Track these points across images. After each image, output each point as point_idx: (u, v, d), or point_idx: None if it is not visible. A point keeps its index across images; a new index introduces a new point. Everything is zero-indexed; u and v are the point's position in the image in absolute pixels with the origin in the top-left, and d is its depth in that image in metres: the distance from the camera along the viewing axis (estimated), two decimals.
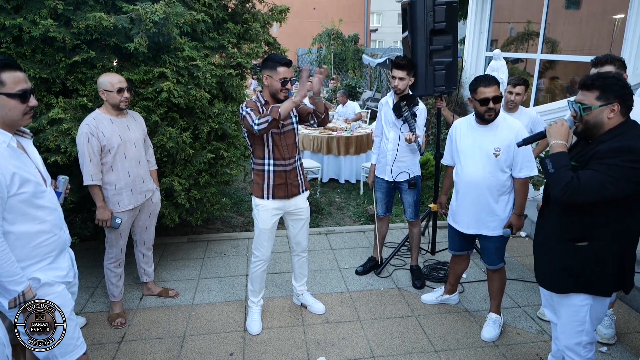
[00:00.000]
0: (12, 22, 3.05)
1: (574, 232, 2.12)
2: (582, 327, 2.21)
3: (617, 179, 1.90)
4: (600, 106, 2.01)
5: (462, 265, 3.43)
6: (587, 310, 2.18)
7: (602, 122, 2.03)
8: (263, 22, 4.48)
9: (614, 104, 1.99)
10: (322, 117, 3.07)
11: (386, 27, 34.41)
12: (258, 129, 2.78)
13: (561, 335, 2.30)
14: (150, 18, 3.17)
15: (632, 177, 1.91)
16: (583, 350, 2.26)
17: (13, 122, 1.89)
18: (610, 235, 2.06)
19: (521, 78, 3.79)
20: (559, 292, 2.23)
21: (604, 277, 2.11)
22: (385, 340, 3.18)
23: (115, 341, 3.17)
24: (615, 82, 2.01)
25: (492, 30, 8.81)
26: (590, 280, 2.12)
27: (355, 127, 7.24)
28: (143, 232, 3.46)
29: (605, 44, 7.18)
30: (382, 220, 4.07)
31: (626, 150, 1.90)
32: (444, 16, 3.56)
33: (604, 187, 1.91)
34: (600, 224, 2.05)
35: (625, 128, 2.00)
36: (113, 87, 2.97)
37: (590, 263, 2.10)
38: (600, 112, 2.02)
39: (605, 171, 1.92)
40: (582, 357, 2.27)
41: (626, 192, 1.93)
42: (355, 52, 16.88)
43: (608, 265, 2.09)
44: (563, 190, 1.97)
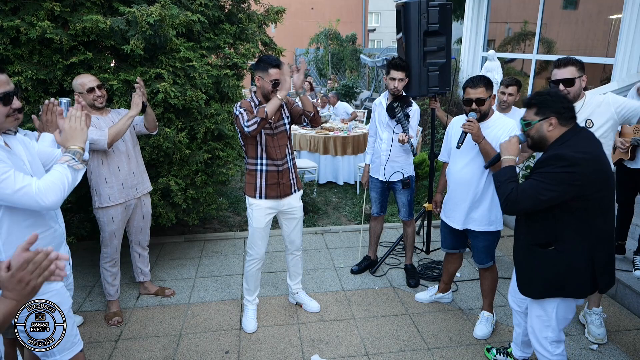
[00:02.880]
0: (9, 24, 3.08)
1: (540, 239, 2.23)
2: (549, 325, 2.31)
3: (552, 184, 2.05)
4: (539, 121, 2.21)
5: (455, 264, 3.47)
6: (554, 309, 2.27)
7: (545, 135, 2.21)
8: (259, 23, 4.52)
9: (551, 117, 2.18)
10: (311, 115, 3.11)
11: (384, 27, 34.40)
12: (248, 130, 2.85)
13: (529, 330, 2.42)
14: (145, 20, 3.20)
15: (569, 181, 2.04)
16: (550, 346, 2.34)
17: None
18: (576, 240, 2.14)
19: (513, 79, 3.83)
20: (535, 297, 2.32)
21: (576, 281, 2.19)
22: (379, 338, 3.22)
23: (112, 339, 3.20)
24: (549, 98, 2.20)
25: (489, 30, 8.85)
26: (563, 285, 2.20)
27: (351, 127, 7.27)
28: (138, 233, 3.50)
29: (601, 45, 7.21)
30: (377, 219, 4.11)
31: (559, 158, 2.07)
32: (437, 18, 3.59)
33: (539, 193, 2.08)
34: (563, 229, 2.15)
35: (566, 138, 2.16)
36: (83, 88, 3.00)
37: (561, 268, 2.18)
38: (540, 126, 2.21)
39: (541, 179, 2.09)
40: (549, 353, 2.35)
41: (567, 195, 2.06)
42: (352, 52, 16.91)
43: (578, 269, 2.16)
44: (505, 202, 2.19)
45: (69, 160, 1.91)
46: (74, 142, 1.96)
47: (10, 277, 1.28)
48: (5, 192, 1.77)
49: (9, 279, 1.27)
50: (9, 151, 1.94)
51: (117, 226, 3.25)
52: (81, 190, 3.38)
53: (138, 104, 3.04)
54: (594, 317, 3.14)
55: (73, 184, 1.93)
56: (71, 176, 1.90)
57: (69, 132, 1.96)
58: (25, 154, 2.04)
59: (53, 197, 1.83)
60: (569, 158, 2.04)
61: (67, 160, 1.90)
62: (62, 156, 1.93)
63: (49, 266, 1.31)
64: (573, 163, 2.03)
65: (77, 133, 1.97)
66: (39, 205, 1.82)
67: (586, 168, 2.03)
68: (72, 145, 1.95)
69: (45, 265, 1.30)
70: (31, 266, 1.28)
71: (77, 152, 1.94)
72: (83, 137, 1.98)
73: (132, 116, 3.05)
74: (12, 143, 2.01)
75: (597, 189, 2.07)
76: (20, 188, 1.78)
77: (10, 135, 2.04)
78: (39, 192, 1.80)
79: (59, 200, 1.86)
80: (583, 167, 2.03)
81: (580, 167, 2.02)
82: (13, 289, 1.27)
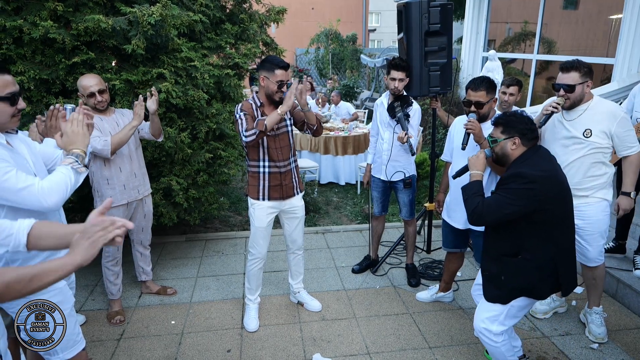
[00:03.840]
0: (12, 24, 3.09)
1: (508, 249, 2.38)
2: (497, 318, 2.44)
3: (514, 199, 2.23)
4: (504, 139, 2.40)
5: (456, 264, 3.48)
6: (508, 306, 2.41)
7: (508, 152, 2.40)
8: (260, 23, 4.53)
9: (515, 137, 2.36)
10: (314, 128, 3.17)
11: (384, 27, 34.40)
12: (246, 140, 2.87)
13: (477, 316, 2.53)
14: (147, 20, 3.21)
15: (529, 196, 2.21)
16: (494, 336, 2.45)
17: (1, 124, 1.91)
18: (540, 248, 2.31)
19: (514, 78, 3.84)
20: (504, 303, 2.42)
21: (539, 285, 2.35)
22: (380, 337, 3.23)
23: (114, 338, 3.22)
24: (515, 119, 2.39)
25: (490, 30, 8.86)
26: (531, 289, 2.37)
27: (352, 127, 7.28)
28: (140, 233, 3.52)
29: (601, 45, 7.23)
30: (378, 219, 4.12)
31: (519, 175, 2.25)
32: (438, 18, 3.60)
33: (502, 207, 2.25)
34: (527, 239, 2.32)
35: (526, 157, 2.36)
36: (85, 92, 2.99)
37: (531, 274, 2.34)
38: (505, 144, 2.40)
39: (504, 194, 2.26)
40: (490, 340, 2.47)
41: (528, 209, 2.22)
42: (353, 52, 16.92)
43: (543, 274, 2.34)
44: (471, 215, 2.36)
45: (72, 162, 1.92)
46: (76, 146, 1.96)
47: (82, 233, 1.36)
48: (7, 192, 1.78)
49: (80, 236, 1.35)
50: (12, 150, 1.95)
51: None
52: (83, 190, 3.39)
53: (140, 114, 3.07)
54: (595, 317, 3.15)
55: (75, 186, 1.94)
56: (74, 178, 1.91)
57: (70, 136, 1.96)
58: (28, 152, 2.05)
59: (55, 198, 1.84)
60: (528, 176, 2.22)
61: (70, 163, 1.91)
62: (64, 158, 1.94)
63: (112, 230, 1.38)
64: (532, 180, 2.21)
65: (79, 137, 1.97)
66: (41, 205, 1.83)
67: (543, 185, 2.21)
68: (75, 149, 1.96)
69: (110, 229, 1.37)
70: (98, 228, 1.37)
71: (80, 156, 1.95)
72: (85, 141, 1.99)
73: (135, 126, 3.08)
74: (15, 142, 2.02)
75: (554, 202, 2.25)
76: (23, 187, 1.79)
77: (12, 134, 2.05)
78: (42, 192, 1.81)
79: (60, 201, 1.88)
80: (540, 183, 2.21)
81: (538, 183, 2.21)
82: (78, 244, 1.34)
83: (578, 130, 2.86)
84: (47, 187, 1.82)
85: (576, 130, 2.87)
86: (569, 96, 2.82)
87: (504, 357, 2.51)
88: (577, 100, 2.84)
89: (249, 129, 2.86)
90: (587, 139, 2.84)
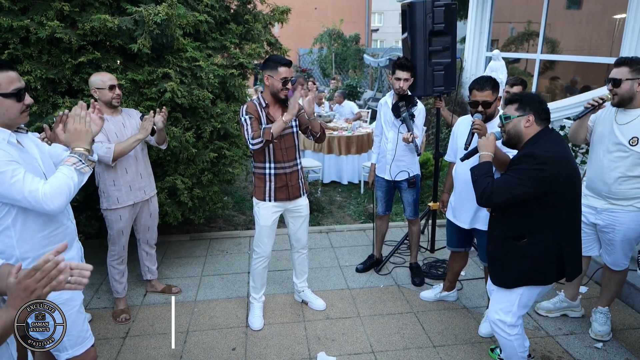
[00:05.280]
0: (19, 24, 3.11)
1: (514, 232, 2.38)
2: (509, 308, 2.45)
3: (524, 180, 2.21)
4: (518, 116, 2.36)
5: (460, 263, 3.48)
6: (519, 295, 2.42)
7: (521, 131, 2.36)
8: (264, 23, 4.54)
9: (529, 114, 2.33)
10: (317, 135, 3.21)
11: (387, 27, 34.37)
12: (253, 148, 2.92)
13: (491, 309, 2.57)
14: (153, 20, 3.23)
15: (539, 177, 2.20)
16: (508, 329, 2.47)
17: (11, 121, 1.91)
18: (547, 232, 2.31)
19: (519, 78, 3.84)
20: (508, 287, 2.45)
21: (544, 270, 2.36)
22: (384, 336, 3.24)
23: (120, 336, 3.24)
24: (530, 97, 2.39)
25: (493, 30, 8.84)
26: (533, 274, 2.37)
27: (356, 127, 7.29)
28: (146, 232, 3.53)
29: (605, 44, 7.21)
30: (382, 218, 4.13)
31: (530, 156, 2.24)
32: (442, 17, 3.61)
33: (512, 188, 2.23)
34: (535, 222, 2.31)
35: (538, 138, 2.32)
36: (105, 84, 3.03)
37: (534, 259, 2.35)
38: (519, 122, 2.36)
39: (515, 175, 2.25)
40: (504, 332, 2.49)
41: (539, 190, 2.21)
42: (356, 52, 16.90)
43: (547, 258, 2.34)
44: (480, 195, 2.33)
45: (75, 162, 1.91)
46: (78, 144, 1.95)
47: (16, 283, 1.27)
48: (15, 196, 1.79)
49: (15, 285, 1.27)
50: (22, 149, 1.96)
51: (124, 224, 3.28)
52: (88, 189, 3.41)
53: (147, 129, 3.11)
54: (599, 315, 3.16)
55: (78, 186, 1.93)
56: (77, 179, 1.90)
57: (73, 133, 1.96)
58: (37, 152, 2.06)
59: (58, 202, 1.83)
60: (540, 157, 2.21)
61: (74, 163, 1.90)
62: (67, 157, 1.93)
63: (57, 276, 1.29)
64: (544, 161, 2.19)
65: (81, 135, 1.96)
66: (44, 210, 1.83)
67: (554, 167, 2.20)
68: (77, 147, 1.95)
69: (53, 275, 1.29)
70: (39, 274, 1.27)
71: (83, 155, 1.94)
72: (88, 139, 1.98)
73: (140, 140, 3.12)
74: (25, 141, 2.03)
75: (564, 185, 2.24)
76: (29, 193, 1.79)
77: (22, 134, 2.06)
78: (44, 197, 1.80)
79: (63, 204, 1.87)
80: (551, 165, 2.19)
81: (549, 165, 2.19)
82: (17, 296, 1.27)
83: (626, 136, 2.72)
84: (49, 192, 1.81)
85: (624, 137, 2.73)
86: (616, 91, 2.71)
87: (515, 352, 2.52)
88: (626, 97, 2.70)
89: (255, 136, 2.89)
90: (632, 148, 2.70)
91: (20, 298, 1.27)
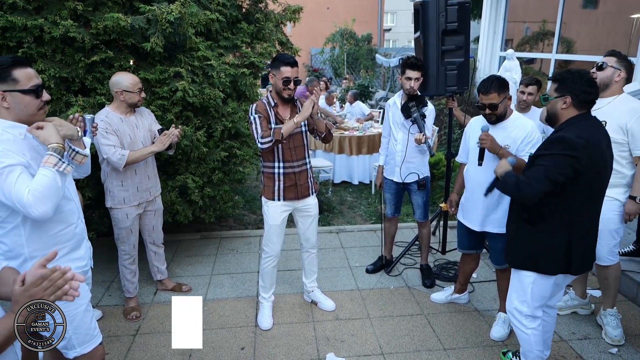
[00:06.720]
0: (33, 23, 3.14)
1: (527, 215, 2.39)
2: (524, 297, 2.47)
3: (557, 165, 2.17)
4: (555, 97, 2.31)
5: (472, 265, 3.44)
6: (531, 284, 2.43)
7: (557, 112, 2.32)
8: (276, 22, 4.54)
9: (566, 96, 2.26)
10: (322, 135, 3.20)
11: (400, 27, 34.23)
12: (262, 147, 2.92)
13: (508, 298, 2.60)
14: (166, 18, 3.24)
15: (568, 163, 2.15)
16: (525, 319, 2.49)
17: (29, 117, 1.92)
18: (558, 222, 2.30)
19: (534, 78, 3.79)
20: (514, 267, 2.51)
21: (550, 259, 2.35)
22: (394, 338, 3.21)
23: (130, 334, 3.25)
24: (571, 77, 2.27)
25: (507, 29, 8.75)
26: (538, 260, 2.38)
27: (367, 127, 7.26)
28: (151, 232, 3.54)
29: (622, 44, 7.08)
30: (391, 221, 4.09)
31: (561, 141, 2.20)
32: (456, 16, 3.56)
33: (549, 172, 2.18)
34: (548, 210, 2.31)
35: (575, 121, 2.27)
36: (134, 88, 3.05)
37: (539, 245, 2.36)
38: (556, 103, 2.31)
39: (548, 160, 2.21)
40: (520, 323, 2.51)
41: (566, 176, 2.17)
42: (368, 52, 16.86)
43: (555, 248, 2.33)
44: (515, 188, 2.30)
45: (56, 162, 1.84)
46: (50, 140, 1.86)
47: (23, 291, 1.28)
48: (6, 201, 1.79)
49: (22, 294, 1.28)
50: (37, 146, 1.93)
51: (131, 222, 3.30)
52: (100, 187, 3.43)
53: (165, 144, 3.14)
54: (610, 319, 3.10)
55: (63, 188, 1.89)
56: (60, 181, 1.85)
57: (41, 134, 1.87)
58: None
59: (43, 208, 1.79)
60: (569, 141, 2.16)
61: (54, 164, 1.83)
62: (46, 157, 1.84)
63: (63, 285, 1.31)
64: (573, 147, 2.15)
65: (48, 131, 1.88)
66: (31, 216, 1.80)
67: (582, 153, 2.14)
68: (52, 143, 1.86)
69: (60, 284, 1.30)
70: (46, 283, 1.29)
71: (58, 150, 1.85)
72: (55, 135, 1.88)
73: (154, 152, 3.17)
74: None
75: (585, 176, 2.19)
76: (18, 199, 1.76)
77: None
78: (29, 204, 1.76)
79: (50, 210, 1.82)
80: (580, 151, 2.14)
81: (578, 151, 2.14)
82: (23, 303, 1.28)
83: None
84: (32, 199, 1.75)
85: None
86: (597, 75, 2.88)
87: (532, 348, 2.51)
88: (602, 84, 2.86)
89: (265, 135, 2.89)
90: None
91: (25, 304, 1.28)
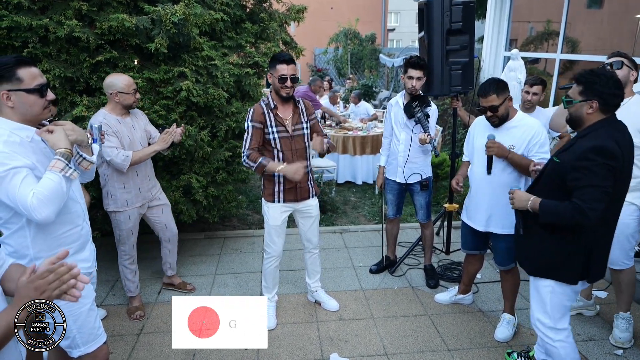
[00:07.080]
0: (38, 23, 3.15)
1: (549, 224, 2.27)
2: (544, 307, 2.38)
3: (605, 178, 2.04)
4: (580, 101, 2.16)
5: (476, 266, 3.43)
6: (549, 293, 2.35)
7: (582, 117, 2.17)
8: (280, 22, 4.53)
9: (593, 101, 2.12)
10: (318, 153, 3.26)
11: (404, 27, 34.16)
12: (243, 162, 2.98)
13: (530, 309, 2.50)
14: (170, 19, 3.25)
15: (612, 173, 2.04)
16: (549, 331, 2.39)
17: (34, 117, 1.92)
18: (577, 231, 2.20)
19: (538, 78, 3.77)
20: (531, 274, 2.42)
21: (568, 266, 2.27)
22: (398, 338, 3.20)
23: (134, 333, 3.26)
24: (598, 80, 2.11)
25: (511, 29, 8.71)
26: (557, 268, 2.29)
27: (371, 127, 7.25)
28: (165, 230, 3.55)
29: (627, 44, 7.04)
30: (393, 222, 4.07)
31: (600, 150, 2.04)
32: (460, 16, 3.55)
33: (604, 189, 2.04)
34: None
35: (600, 125, 2.13)
36: (129, 89, 3.04)
37: (557, 253, 2.27)
38: (581, 107, 2.16)
39: (595, 176, 2.04)
40: (545, 336, 2.42)
41: (612, 186, 2.06)
42: (372, 52, 16.82)
43: (574, 257, 2.24)
44: (582, 216, 2.06)
45: (63, 168, 1.84)
46: (59, 145, 1.87)
47: (28, 282, 1.28)
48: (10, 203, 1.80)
49: (26, 285, 1.28)
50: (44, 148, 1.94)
51: (133, 224, 3.31)
52: None
53: (167, 141, 3.14)
54: (620, 321, 3.08)
55: (68, 193, 1.89)
56: (66, 186, 1.86)
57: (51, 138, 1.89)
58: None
59: (46, 212, 1.79)
60: (608, 150, 2.03)
61: (61, 169, 1.84)
62: (53, 161, 1.85)
63: (69, 280, 1.31)
64: (613, 157, 2.03)
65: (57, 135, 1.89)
66: (34, 219, 1.81)
67: (621, 161, 2.05)
68: (59, 148, 1.87)
69: (65, 279, 1.30)
70: (52, 276, 1.29)
71: (66, 155, 1.86)
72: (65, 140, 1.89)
73: (156, 151, 3.17)
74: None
75: (618, 182, 2.10)
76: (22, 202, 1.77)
77: None
78: (32, 207, 1.76)
79: (53, 214, 1.83)
80: (619, 160, 2.04)
81: (618, 160, 2.04)
82: (26, 295, 1.27)
83: None
84: (36, 203, 1.76)
85: None
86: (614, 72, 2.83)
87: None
88: None
89: (251, 157, 2.94)
90: None
91: (29, 297, 1.28)
